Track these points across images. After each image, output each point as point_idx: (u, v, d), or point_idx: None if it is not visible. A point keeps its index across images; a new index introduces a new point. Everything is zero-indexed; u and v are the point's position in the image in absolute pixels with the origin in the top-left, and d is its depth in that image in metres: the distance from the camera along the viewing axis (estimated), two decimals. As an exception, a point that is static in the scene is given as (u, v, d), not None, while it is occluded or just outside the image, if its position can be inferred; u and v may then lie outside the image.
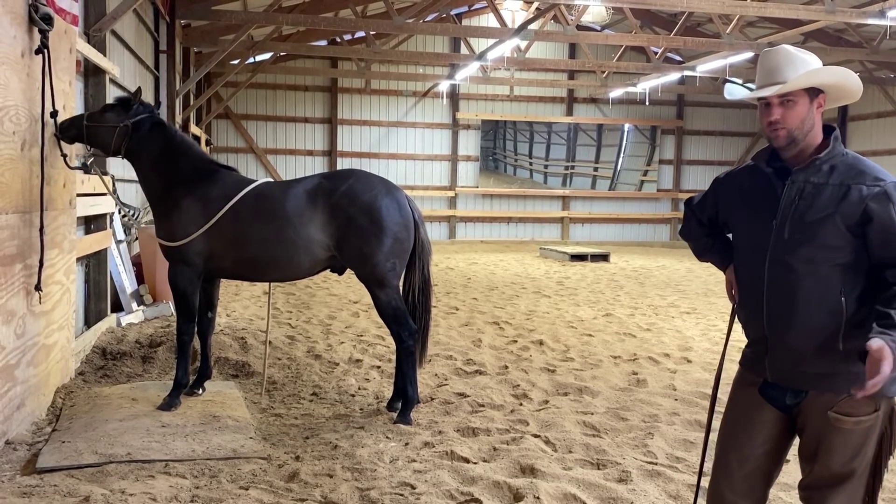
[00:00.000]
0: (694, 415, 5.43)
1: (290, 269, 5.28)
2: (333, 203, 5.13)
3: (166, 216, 5.25)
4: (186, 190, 5.22)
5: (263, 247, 5.15)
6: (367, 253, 5.13)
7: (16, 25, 4.45)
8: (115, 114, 5.25)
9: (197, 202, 5.19)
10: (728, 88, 2.88)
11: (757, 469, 2.73)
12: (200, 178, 5.28)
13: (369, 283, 5.25)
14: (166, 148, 5.32)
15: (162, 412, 4.99)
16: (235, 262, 5.28)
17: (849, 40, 16.00)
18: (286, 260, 5.18)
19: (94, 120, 5.25)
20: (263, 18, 13.47)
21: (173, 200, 5.22)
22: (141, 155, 5.30)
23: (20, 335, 4.53)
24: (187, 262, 5.22)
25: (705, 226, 2.94)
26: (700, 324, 9.42)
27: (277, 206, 5.15)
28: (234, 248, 5.21)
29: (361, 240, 5.11)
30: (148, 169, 5.33)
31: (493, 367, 6.80)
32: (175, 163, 5.30)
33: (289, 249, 5.14)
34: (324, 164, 20.96)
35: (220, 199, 5.18)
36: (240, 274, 5.47)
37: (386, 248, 5.15)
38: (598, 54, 20.36)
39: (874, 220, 2.45)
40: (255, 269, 5.33)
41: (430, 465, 4.29)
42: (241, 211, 5.16)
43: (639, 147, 22.95)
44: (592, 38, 16.51)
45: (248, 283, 11.88)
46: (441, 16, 18.88)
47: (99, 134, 5.24)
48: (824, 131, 2.62)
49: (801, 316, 2.55)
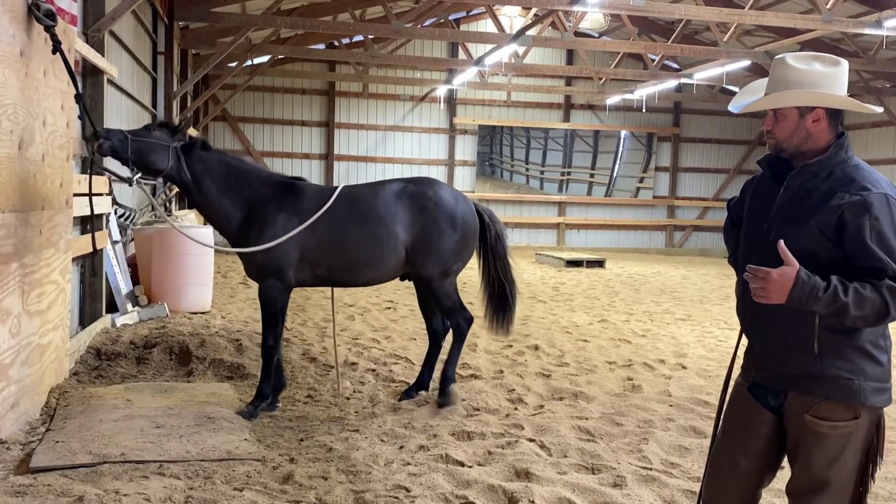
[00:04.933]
0: (689, 421, 5.44)
1: (381, 270, 5.57)
2: (421, 205, 5.53)
3: (260, 235, 5.25)
4: (276, 207, 5.31)
5: (362, 248, 5.42)
6: (442, 250, 5.55)
7: (14, 24, 4.44)
8: (161, 133, 5.21)
9: (292, 216, 5.29)
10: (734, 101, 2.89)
11: (748, 469, 2.75)
12: (283, 193, 5.38)
13: (433, 278, 5.61)
14: (230, 170, 5.34)
15: (156, 413, 4.98)
16: (332, 268, 5.46)
17: (845, 50, 16.06)
18: (381, 260, 5.49)
19: (138, 135, 5.16)
20: (262, 21, 13.49)
21: (263, 219, 5.27)
22: (202, 180, 5.28)
23: (15, 334, 4.52)
24: (282, 277, 5.32)
25: (737, 226, 2.97)
26: (695, 330, 9.44)
27: (370, 208, 5.46)
28: (332, 254, 5.40)
29: (440, 241, 5.54)
30: (216, 193, 5.30)
31: (489, 371, 6.80)
32: (249, 184, 5.35)
33: (384, 250, 5.45)
34: (320, 168, 20.96)
35: (313, 209, 5.33)
36: (333, 279, 5.60)
37: (457, 248, 5.63)
38: (595, 61, 20.41)
39: (847, 228, 2.46)
40: (351, 272, 5.53)
41: (424, 468, 4.28)
42: (337, 216, 5.37)
43: (635, 154, 23.00)
44: (590, 44, 16.55)
45: (244, 286, 11.87)
46: (439, 21, 18.92)
47: (145, 147, 5.14)
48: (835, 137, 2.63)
49: (775, 316, 2.59)
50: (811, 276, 2.40)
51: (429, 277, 5.62)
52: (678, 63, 21.13)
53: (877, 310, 2.40)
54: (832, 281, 2.41)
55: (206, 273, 9.18)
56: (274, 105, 20.75)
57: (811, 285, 2.39)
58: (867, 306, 2.40)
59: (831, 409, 2.54)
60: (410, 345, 7.81)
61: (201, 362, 6.34)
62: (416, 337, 8.15)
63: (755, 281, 2.45)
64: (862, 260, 2.46)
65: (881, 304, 2.39)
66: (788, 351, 2.60)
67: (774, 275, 2.41)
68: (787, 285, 2.40)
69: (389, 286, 11.58)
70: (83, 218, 6.86)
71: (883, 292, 2.39)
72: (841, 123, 2.64)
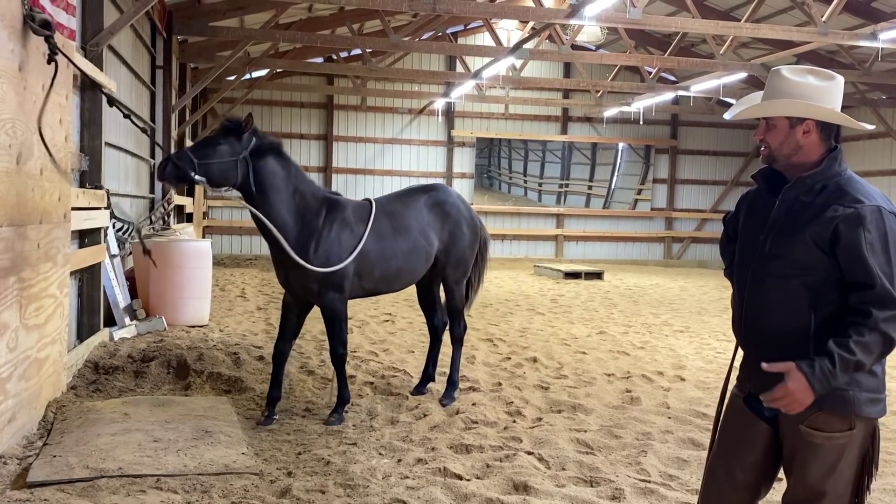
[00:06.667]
0: (687, 433, 5.43)
1: (417, 275, 5.94)
2: (445, 212, 6.00)
3: (317, 248, 5.29)
4: (329, 219, 5.39)
5: (406, 258, 5.72)
6: (466, 257, 6.14)
7: (13, 40, 4.47)
8: (228, 146, 5.09)
9: (344, 229, 5.42)
10: (729, 111, 2.94)
11: (745, 480, 2.76)
12: (330, 206, 5.46)
13: (453, 280, 6.13)
14: (290, 181, 5.29)
15: (154, 427, 4.96)
16: (379, 279, 5.67)
17: (841, 62, 16.13)
18: (421, 267, 5.88)
19: (206, 157, 5.04)
20: (260, 35, 13.55)
21: (320, 233, 5.32)
22: (267, 191, 5.20)
23: (12, 348, 4.52)
24: (341, 289, 5.44)
25: (732, 240, 2.98)
26: (693, 342, 9.43)
27: (407, 219, 5.79)
28: (381, 265, 5.61)
29: (464, 244, 6.09)
30: (278, 203, 5.23)
31: (487, 383, 6.79)
32: (304, 196, 5.35)
33: (422, 257, 5.83)
34: (319, 181, 20.94)
35: (360, 222, 5.51)
36: (377, 289, 5.84)
37: (472, 245, 6.19)
38: (592, 74, 20.49)
39: (841, 241, 2.48)
40: (395, 280, 5.80)
41: (422, 481, 4.27)
42: (382, 229, 5.61)
43: (633, 166, 23.05)
44: (587, 57, 16.62)
45: (242, 299, 11.87)
46: (437, 34, 19.00)
47: (217, 170, 5.06)
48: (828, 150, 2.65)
49: (770, 328, 2.62)
50: (812, 363, 2.43)
51: (453, 279, 6.12)
52: (675, 75, 21.20)
53: (882, 345, 2.45)
54: (833, 350, 2.43)
55: (204, 286, 9.17)
56: (273, 118, 20.80)
57: (821, 369, 2.42)
58: (874, 347, 2.44)
59: (826, 420, 2.55)
60: (409, 357, 7.80)
61: (199, 376, 6.33)
62: (415, 349, 8.15)
63: (780, 402, 2.48)
64: (853, 273, 2.48)
65: (884, 339, 2.44)
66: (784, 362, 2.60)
67: (789, 386, 2.44)
68: (803, 384, 2.43)
69: (388, 299, 11.58)
70: (81, 232, 6.87)
71: (879, 327, 2.42)
72: (836, 138, 2.66)
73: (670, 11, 16.30)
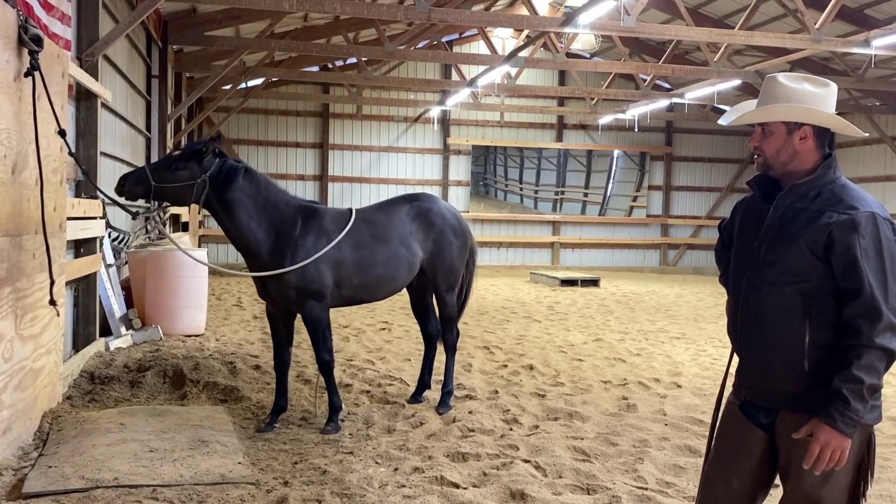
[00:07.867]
0: (684, 440, 5.43)
1: (399, 284, 5.92)
2: (430, 221, 5.99)
3: (293, 259, 5.30)
4: (304, 229, 5.38)
5: (386, 266, 5.70)
6: (455, 265, 6.13)
7: (9, 50, 4.47)
8: (187, 171, 5.13)
9: (321, 237, 5.40)
10: (724, 117, 2.95)
11: (741, 487, 2.76)
12: (306, 216, 5.46)
13: (444, 289, 6.14)
14: (259, 194, 5.33)
15: (150, 437, 4.95)
16: (358, 287, 5.66)
17: (835, 69, 16.20)
18: (402, 276, 5.85)
19: (164, 179, 5.10)
20: (256, 44, 13.57)
21: (296, 242, 5.33)
22: (233, 208, 5.25)
23: (8, 359, 4.51)
24: (320, 297, 5.43)
25: (728, 246, 2.99)
26: (690, 349, 9.44)
27: (388, 229, 5.77)
28: (359, 273, 5.60)
29: (451, 252, 6.07)
30: (246, 218, 5.28)
31: (484, 391, 6.79)
32: (276, 207, 5.37)
33: (404, 266, 5.81)
34: (315, 189, 20.99)
35: (338, 230, 5.49)
36: (357, 298, 5.81)
37: (461, 254, 6.18)
38: (587, 81, 20.53)
39: (835, 247, 2.50)
40: (375, 289, 5.80)
41: (419, 490, 4.27)
42: (360, 237, 5.60)
43: (628, 173, 23.09)
44: (582, 65, 16.68)
45: (238, 308, 11.84)
46: (432, 43, 19.04)
47: (172, 193, 5.15)
48: (823, 157, 2.66)
49: (765, 335, 2.63)
50: (827, 409, 2.45)
51: (444, 287, 6.14)
52: (669, 83, 21.27)
53: (884, 359, 2.46)
54: (839, 388, 2.44)
55: (200, 296, 9.16)
56: (268, 127, 20.81)
57: (840, 412, 2.43)
58: (877, 365, 2.45)
59: None
60: (405, 366, 7.79)
61: (195, 385, 6.32)
62: (411, 358, 8.14)
63: (827, 464, 2.48)
64: (845, 279, 2.50)
65: (883, 352, 2.45)
66: (779, 369, 2.62)
67: (822, 440, 2.46)
68: (831, 434, 2.44)
69: (385, 307, 11.58)
70: (77, 242, 6.86)
71: (874, 344, 2.44)
72: (830, 145, 2.67)
73: (664, 19, 16.36)
